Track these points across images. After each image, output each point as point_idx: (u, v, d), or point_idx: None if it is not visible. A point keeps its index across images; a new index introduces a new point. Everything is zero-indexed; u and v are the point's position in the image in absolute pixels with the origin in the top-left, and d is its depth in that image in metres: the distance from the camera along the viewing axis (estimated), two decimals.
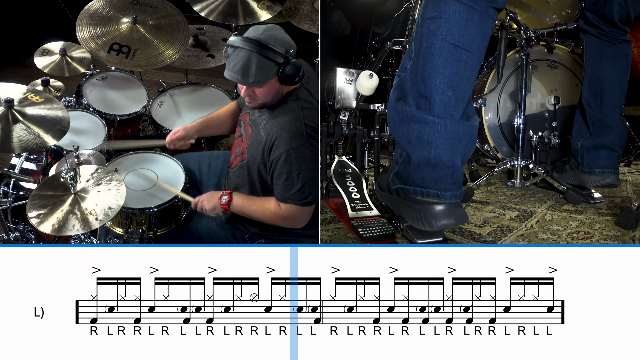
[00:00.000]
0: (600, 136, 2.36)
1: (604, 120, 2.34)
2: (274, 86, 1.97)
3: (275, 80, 1.95)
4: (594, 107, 2.35)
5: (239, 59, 1.90)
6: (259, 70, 1.90)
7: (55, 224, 1.92)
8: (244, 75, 1.90)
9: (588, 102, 2.36)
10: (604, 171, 2.35)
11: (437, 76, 1.67)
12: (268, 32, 1.94)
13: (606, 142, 2.35)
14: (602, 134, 2.35)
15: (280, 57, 1.91)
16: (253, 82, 1.91)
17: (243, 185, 2.17)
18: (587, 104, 2.37)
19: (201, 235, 2.26)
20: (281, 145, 1.98)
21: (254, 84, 1.93)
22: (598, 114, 2.34)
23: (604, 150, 2.35)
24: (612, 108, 2.33)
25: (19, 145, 2.01)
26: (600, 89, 2.32)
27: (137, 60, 2.65)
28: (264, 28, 1.96)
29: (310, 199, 2.02)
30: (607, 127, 2.34)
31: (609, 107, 2.33)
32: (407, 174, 1.79)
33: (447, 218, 1.73)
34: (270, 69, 1.92)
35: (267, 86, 1.96)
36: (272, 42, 1.91)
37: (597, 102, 2.34)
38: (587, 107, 2.37)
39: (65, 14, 3.51)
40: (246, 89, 1.98)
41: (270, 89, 1.97)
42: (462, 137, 1.71)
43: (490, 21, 1.69)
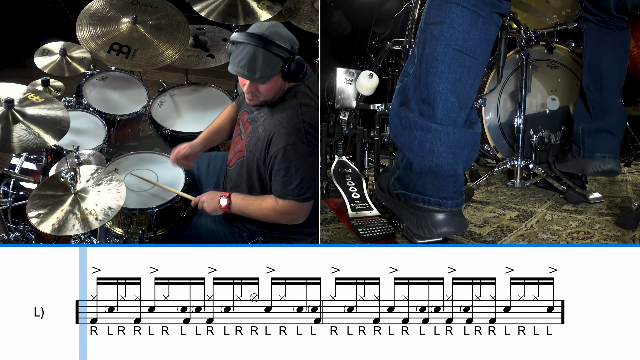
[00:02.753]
0: (601, 119, 2.37)
1: (604, 104, 2.36)
2: (277, 83, 1.97)
3: (279, 77, 1.95)
4: (594, 91, 2.37)
5: (244, 54, 1.90)
6: (265, 65, 1.90)
7: (55, 224, 1.93)
8: (250, 71, 1.90)
9: (588, 87, 2.38)
10: (605, 156, 2.36)
11: (441, 82, 1.66)
12: (272, 28, 1.94)
13: (606, 125, 2.37)
14: (602, 117, 2.37)
15: (285, 53, 1.91)
16: (259, 77, 1.91)
17: (241, 183, 2.17)
18: (587, 88, 2.39)
19: (200, 234, 2.26)
20: (279, 141, 1.98)
21: (260, 80, 1.93)
22: (598, 98, 2.36)
23: (604, 133, 2.37)
24: (611, 92, 2.35)
25: (19, 145, 2.01)
26: (600, 73, 2.34)
27: (137, 60, 2.65)
28: (267, 25, 1.96)
29: (309, 194, 2.02)
30: (607, 111, 2.36)
31: (609, 92, 2.34)
32: (408, 180, 1.79)
33: (448, 226, 1.73)
34: (276, 65, 1.92)
35: (271, 82, 1.96)
36: (277, 38, 1.91)
37: (596, 86, 2.36)
38: (588, 91, 2.38)
39: (65, 14, 3.51)
40: (249, 85, 1.97)
41: (273, 86, 1.97)
42: (465, 145, 1.70)
43: (494, 27, 1.68)
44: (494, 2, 1.64)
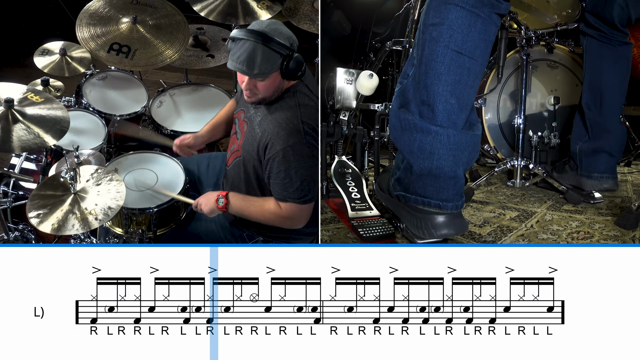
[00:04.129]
0: (599, 140, 2.35)
1: (604, 124, 2.33)
2: (276, 80, 1.97)
3: (278, 74, 1.95)
4: (593, 110, 2.34)
5: (243, 50, 1.90)
6: (264, 61, 1.90)
7: (55, 224, 1.92)
8: (249, 66, 1.90)
9: (588, 105, 2.36)
10: (602, 176, 2.35)
11: (440, 83, 1.65)
12: (272, 25, 1.94)
13: (605, 146, 2.34)
14: (601, 137, 2.34)
15: (285, 50, 1.91)
16: (258, 73, 1.91)
17: (240, 183, 2.16)
18: (586, 107, 2.36)
19: (200, 234, 2.26)
20: (278, 143, 1.97)
21: (258, 76, 1.93)
22: (597, 117, 2.34)
23: (603, 154, 2.35)
24: (611, 112, 2.32)
25: (18, 145, 2.01)
26: (600, 92, 2.31)
27: (137, 60, 2.65)
28: (267, 22, 1.96)
29: (310, 196, 2.02)
30: (606, 131, 2.33)
31: (609, 111, 2.32)
32: (408, 182, 1.79)
33: (448, 228, 1.73)
34: (275, 61, 1.92)
35: (269, 80, 1.95)
36: (277, 35, 1.91)
37: (596, 105, 2.33)
38: (587, 110, 2.36)
39: (65, 13, 3.52)
40: (248, 82, 1.97)
41: (272, 83, 1.97)
42: (465, 147, 1.70)
43: (494, 27, 1.67)
44: (493, 2, 1.64)
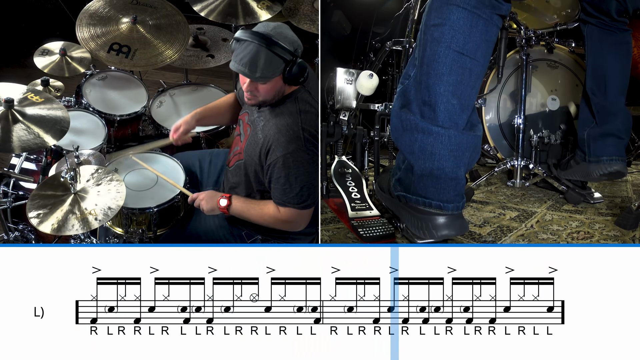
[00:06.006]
0: (607, 124, 2.35)
1: (609, 108, 2.33)
2: (277, 84, 1.96)
3: (280, 79, 1.95)
4: (598, 95, 2.35)
5: (247, 52, 1.89)
6: (267, 65, 1.89)
7: (55, 224, 1.92)
8: (251, 69, 1.89)
9: (592, 91, 2.36)
10: (612, 158, 2.34)
11: (442, 84, 1.65)
12: (278, 29, 1.93)
13: (612, 129, 2.34)
14: (608, 121, 2.34)
15: (288, 55, 1.91)
16: (259, 76, 1.90)
17: (240, 184, 2.16)
18: (591, 92, 2.36)
19: (199, 234, 2.26)
20: (278, 149, 1.97)
21: (260, 79, 1.92)
22: (603, 101, 2.34)
23: (610, 137, 2.34)
24: (616, 95, 2.32)
25: (19, 145, 2.01)
26: (603, 76, 2.31)
27: (137, 60, 2.65)
28: (273, 25, 1.95)
29: (309, 202, 2.02)
30: (612, 114, 2.33)
31: (613, 94, 2.32)
32: (409, 182, 1.79)
33: (448, 229, 1.73)
34: (278, 66, 1.91)
35: (271, 83, 1.95)
36: (282, 39, 1.91)
37: (601, 90, 2.33)
38: (592, 95, 2.36)
39: (65, 14, 3.51)
40: (249, 84, 1.96)
41: (273, 87, 1.96)
42: (466, 148, 1.70)
43: (495, 28, 1.67)
44: (494, 3, 1.64)
